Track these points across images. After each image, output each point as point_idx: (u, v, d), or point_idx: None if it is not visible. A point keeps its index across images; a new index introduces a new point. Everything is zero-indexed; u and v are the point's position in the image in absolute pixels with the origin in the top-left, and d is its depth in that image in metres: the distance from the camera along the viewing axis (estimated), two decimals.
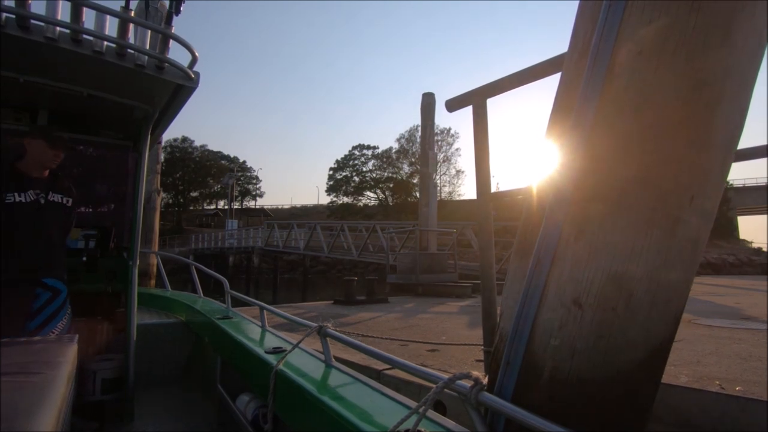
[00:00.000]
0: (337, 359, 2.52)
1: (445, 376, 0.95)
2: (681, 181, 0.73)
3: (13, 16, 1.62)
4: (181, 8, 1.88)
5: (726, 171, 0.77)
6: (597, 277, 0.76)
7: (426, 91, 12.11)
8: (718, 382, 1.86)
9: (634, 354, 0.77)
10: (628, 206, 0.74)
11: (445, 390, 0.93)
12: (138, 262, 2.58)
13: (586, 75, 0.81)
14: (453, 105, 1.92)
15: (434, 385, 0.95)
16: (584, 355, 0.77)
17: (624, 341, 0.76)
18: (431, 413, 1.07)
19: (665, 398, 1.36)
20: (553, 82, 1.08)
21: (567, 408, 0.80)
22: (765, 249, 32.41)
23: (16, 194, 2.14)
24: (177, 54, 2.01)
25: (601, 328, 0.76)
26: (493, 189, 1.74)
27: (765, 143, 0.90)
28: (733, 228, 36.07)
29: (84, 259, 2.73)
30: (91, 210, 3.71)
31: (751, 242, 36.23)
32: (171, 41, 1.91)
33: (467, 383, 0.89)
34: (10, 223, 2.10)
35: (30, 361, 1.67)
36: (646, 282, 0.74)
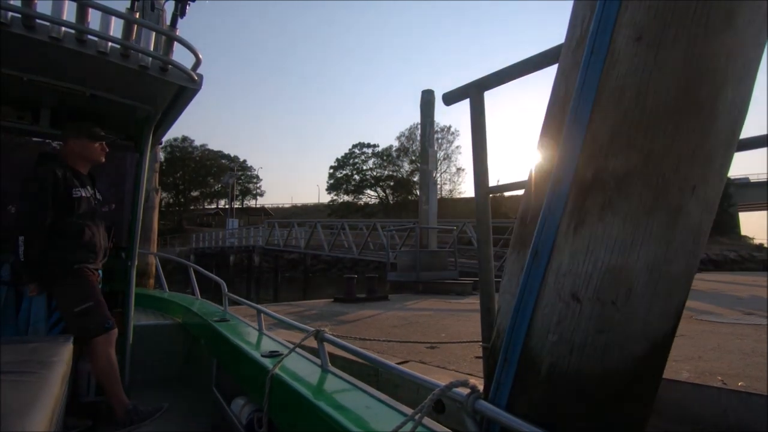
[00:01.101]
0: (336, 357, 2.51)
1: (442, 382, 0.94)
2: (682, 170, 0.70)
3: (19, 15, 1.63)
4: (186, 11, 1.89)
5: (729, 159, 0.74)
6: (596, 270, 0.74)
7: (426, 88, 12.06)
8: (720, 378, 1.84)
9: (634, 349, 0.75)
10: (627, 196, 0.72)
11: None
12: (136, 263, 2.57)
13: (584, 63, 0.79)
14: (450, 98, 1.90)
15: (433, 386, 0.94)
16: (583, 350, 0.75)
17: (624, 336, 0.74)
18: (427, 420, 1.06)
19: (666, 394, 1.34)
20: (551, 74, 1.06)
21: (567, 405, 0.78)
22: (766, 245, 32.34)
23: (80, 189, 2.25)
24: (180, 56, 2.01)
25: (601, 322, 0.74)
26: (492, 184, 1.72)
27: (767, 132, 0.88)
28: (735, 224, 35.99)
29: None
30: None
31: (753, 238, 36.15)
32: (175, 43, 1.91)
33: (464, 391, 0.87)
34: (79, 216, 2.21)
35: (25, 360, 1.66)
36: (646, 274, 0.72)
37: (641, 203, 0.72)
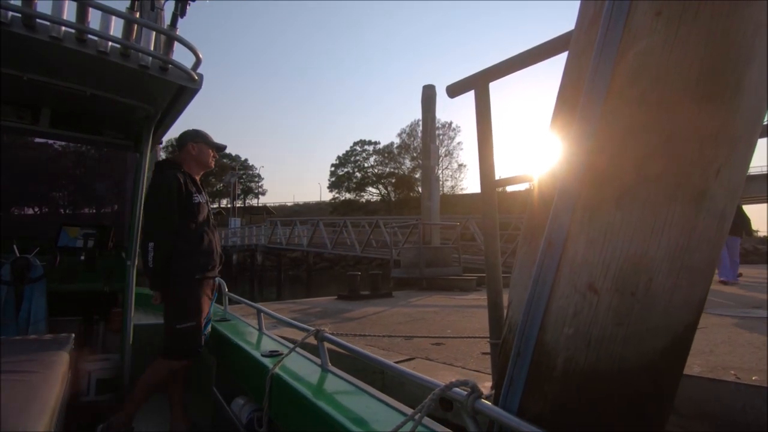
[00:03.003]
0: (341, 355, 2.48)
1: (444, 381, 0.92)
2: (706, 152, 0.66)
3: (19, 15, 1.62)
4: (187, 10, 1.87)
5: (754, 140, 0.70)
6: (614, 259, 0.70)
7: (427, 83, 11.97)
8: (733, 372, 1.80)
9: (655, 342, 0.71)
10: (648, 181, 0.68)
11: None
12: (136, 262, 2.55)
13: (598, 42, 0.75)
14: (454, 90, 1.86)
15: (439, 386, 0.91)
16: (601, 344, 0.72)
17: (644, 328, 0.71)
18: (427, 420, 1.05)
19: (681, 390, 1.30)
20: (558, 64, 1.02)
21: (583, 401, 0.74)
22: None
23: (198, 195, 2.25)
24: (181, 55, 2.00)
25: (619, 314, 0.70)
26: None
27: None
28: None
29: (82, 258, 2.70)
30: (94, 210, 3.69)
31: (757, 231, 35.90)
32: (175, 43, 1.90)
33: (464, 390, 0.85)
34: (200, 222, 2.21)
35: (25, 360, 1.64)
36: (668, 263, 0.68)
37: (662, 188, 0.68)
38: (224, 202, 58.07)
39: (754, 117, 0.69)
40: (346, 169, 55.22)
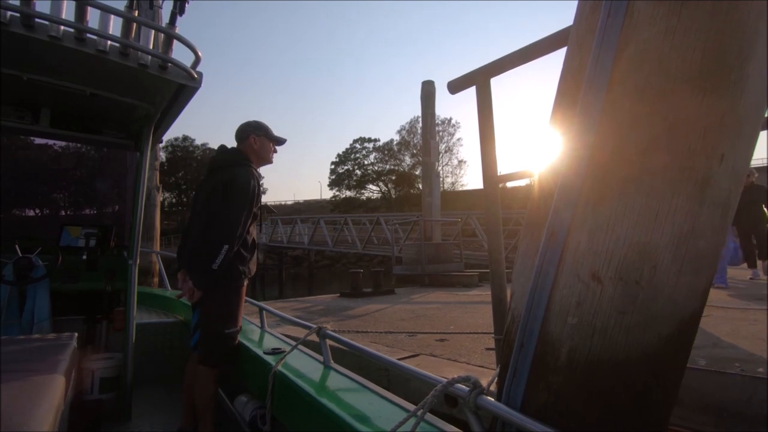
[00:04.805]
0: (345, 352, 2.48)
1: (446, 377, 0.93)
2: (710, 138, 0.66)
3: (18, 15, 1.62)
4: (185, 9, 1.87)
5: (759, 125, 0.70)
6: (618, 247, 0.69)
7: (426, 79, 11.93)
8: (738, 365, 1.79)
9: (660, 330, 0.71)
10: (652, 168, 0.67)
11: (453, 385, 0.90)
12: (138, 261, 2.55)
13: (600, 28, 0.74)
14: (455, 86, 1.86)
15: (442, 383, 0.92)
16: (605, 333, 0.71)
17: (649, 317, 0.70)
18: (430, 416, 1.06)
19: (687, 382, 1.30)
20: (561, 57, 1.01)
21: (587, 392, 0.74)
22: None
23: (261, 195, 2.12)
24: (180, 54, 1.99)
25: (623, 303, 0.70)
26: None
27: None
28: None
29: (84, 257, 2.71)
30: (95, 210, 3.70)
31: None
32: (174, 41, 1.90)
33: (466, 386, 0.86)
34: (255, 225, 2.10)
35: (29, 359, 1.64)
36: (672, 251, 0.68)
37: (666, 177, 0.67)
38: None
39: (758, 103, 0.68)
40: (346, 167, 55.11)
